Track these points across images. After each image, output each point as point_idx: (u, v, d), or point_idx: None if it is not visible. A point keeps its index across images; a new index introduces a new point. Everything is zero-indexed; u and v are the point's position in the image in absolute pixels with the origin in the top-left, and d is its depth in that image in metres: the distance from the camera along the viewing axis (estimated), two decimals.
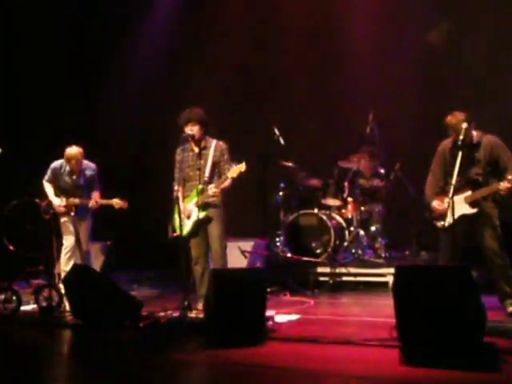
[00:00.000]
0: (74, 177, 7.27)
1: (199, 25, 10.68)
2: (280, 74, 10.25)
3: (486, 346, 4.52)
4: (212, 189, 6.19)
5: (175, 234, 6.43)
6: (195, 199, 6.32)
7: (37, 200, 7.32)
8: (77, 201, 7.18)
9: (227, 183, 6.27)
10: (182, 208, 6.32)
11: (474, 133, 5.83)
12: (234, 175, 6.11)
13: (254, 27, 10.48)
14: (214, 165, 6.36)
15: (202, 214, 6.28)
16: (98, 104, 10.84)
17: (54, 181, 7.32)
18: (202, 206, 6.28)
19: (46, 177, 7.38)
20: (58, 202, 7.18)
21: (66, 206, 7.18)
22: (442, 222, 5.70)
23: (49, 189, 7.31)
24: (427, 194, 6.03)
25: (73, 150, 7.20)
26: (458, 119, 5.72)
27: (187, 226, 6.35)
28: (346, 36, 9.87)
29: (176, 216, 6.29)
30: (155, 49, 10.94)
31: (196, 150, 6.42)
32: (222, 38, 10.59)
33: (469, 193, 5.75)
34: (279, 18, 10.32)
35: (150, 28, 10.94)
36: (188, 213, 6.33)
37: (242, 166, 6.08)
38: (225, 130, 7.38)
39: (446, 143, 5.97)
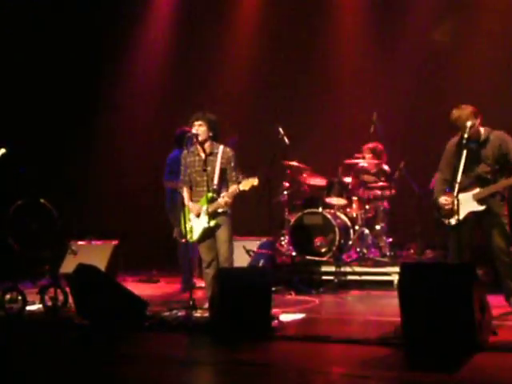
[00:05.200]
0: None
1: (201, 24, 10.69)
2: (283, 73, 10.24)
3: (491, 344, 4.53)
4: (225, 198, 6.17)
5: (183, 240, 6.40)
6: (204, 206, 6.24)
7: (42, 200, 7.33)
8: None
9: (237, 191, 6.25)
10: (190, 207, 6.32)
11: (482, 129, 5.77)
12: (246, 188, 6.09)
13: (257, 26, 10.48)
14: (222, 172, 6.33)
15: (213, 223, 6.20)
16: (104, 104, 10.87)
17: None
18: (212, 215, 6.23)
19: None
20: None
21: None
22: (450, 220, 5.67)
23: None
24: (435, 191, 5.98)
25: None
26: (465, 112, 5.65)
27: (196, 233, 6.31)
28: (350, 34, 9.87)
29: (182, 221, 6.27)
30: (157, 50, 10.98)
31: (202, 155, 6.33)
32: (225, 37, 10.61)
33: (477, 190, 5.70)
34: (281, 17, 10.32)
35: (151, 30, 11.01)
36: (197, 211, 6.31)
37: (255, 181, 6.05)
38: (229, 129, 7.40)
39: (454, 140, 5.89)
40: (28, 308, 6.54)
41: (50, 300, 6.48)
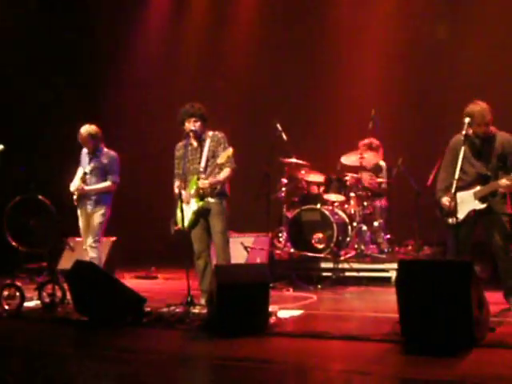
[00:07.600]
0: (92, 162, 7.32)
1: (200, 21, 10.70)
2: (282, 70, 10.25)
3: (489, 341, 4.53)
4: (201, 180, 6.23)
5: (176, 228, 6.43)
6: (193, 190, 6.33)
7: (40, 196, 7.31)
8: (81, 187, 7.19)
9: (226, 174, 6.27)
10: (183, 197, 6.34)
11: (491, 128, 5.71)
12: (223, 161, 6.13)
13: (255, 22, 10.48)
14: (213, 155, 6.35)
15: (200, 204, 6.28)
16: (103, 103, 10.87)
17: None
18: (199, 196, 6.29)
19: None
20: (72, 187, 7.27)
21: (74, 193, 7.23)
22: (453, 219, 5.60)
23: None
24: (437, 190, 5.90)
25: (82, 129, 7.25)
26: (482, 107, 5.60)
27: (187, 218, 6.35)
28: (348, 31, 9.88)
29: (178, 211, 6.29)
30: (155, 45, 10.98)
31: (195, 144, 6.43)
32: (225, 36, 10.62)
33: (478, 188, 5.68)
34: (279, 14, 10.33)
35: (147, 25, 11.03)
36: (187, 199, 6.35)
37: (229, 151, 6.10)
38: (227, 126, 7.39)
39: (459, 137, 5.76)
40: (26, 304, 6.52)
41: (47, 296, 6.48)
